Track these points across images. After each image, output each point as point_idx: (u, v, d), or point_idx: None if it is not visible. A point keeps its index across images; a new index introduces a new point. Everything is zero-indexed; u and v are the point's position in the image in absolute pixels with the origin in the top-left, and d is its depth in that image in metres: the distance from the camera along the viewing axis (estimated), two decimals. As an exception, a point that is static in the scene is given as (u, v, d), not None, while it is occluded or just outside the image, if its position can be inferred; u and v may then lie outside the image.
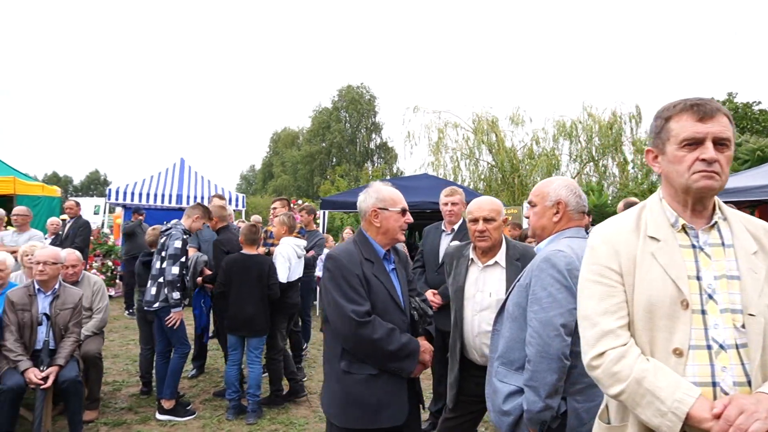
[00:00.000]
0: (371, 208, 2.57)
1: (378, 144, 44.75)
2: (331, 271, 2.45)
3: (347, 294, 2.38)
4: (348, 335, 2.36)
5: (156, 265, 4.79)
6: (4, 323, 3.93)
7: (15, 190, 11.26)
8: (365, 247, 2.54)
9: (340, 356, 2.43)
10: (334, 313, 2.41)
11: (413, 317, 2.55)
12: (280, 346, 5.13)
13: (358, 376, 2.39)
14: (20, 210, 6.53)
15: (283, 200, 6.41)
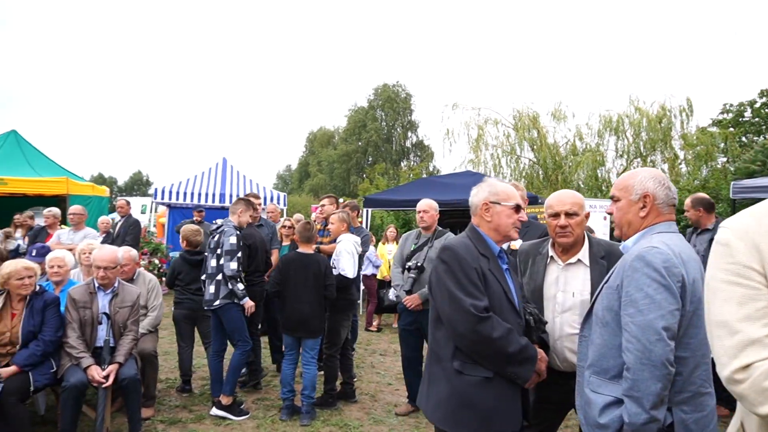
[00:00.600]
0: (483, 201, 2.43)
1: (414, 142, 44.53)
2: (448, 262, 2.28)
3: (466, 287, 2.21)
4: (464, 332, 2.19)
5: (211, 264, 4.77)
6: (67, 320, 3.97)
7: (68, 190, 11.61)
8: (479, 243, 2.37)
9: (452, 355, 2.25)
10: (449, 307, 2.23)
11: (528, 322, 2.35)
12: (340, 343, 5.07)
13: (471, 377, 2.22)
14: (76, 209, 6.66)
15: (332, 197, 6.33)
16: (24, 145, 12.84)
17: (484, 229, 2.43)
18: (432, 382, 2.34)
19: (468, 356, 2.23)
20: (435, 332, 2.36)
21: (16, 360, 3.70)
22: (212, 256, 4.79)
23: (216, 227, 4.92)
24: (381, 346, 7.65)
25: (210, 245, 4.86)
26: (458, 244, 2.36)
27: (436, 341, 2.36)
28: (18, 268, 3.85)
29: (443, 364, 2.29)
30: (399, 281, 4.80)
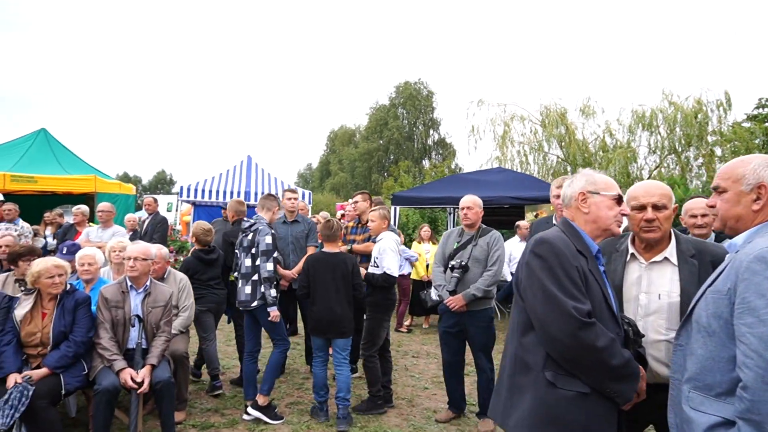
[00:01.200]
0: (579, 191, 2.16)
1: (436, 140, 44.15)
2: (545, 257, 1.99)
3: (566, 287, 1.93)
4: (562, 337, 1.90)
5: (246, 263, 4.64)
6: (98, 320, 3.82)
7: (96, 188, 11.64)
8: (575, 239, 2.08)
9: (543, 364, 1.97)
10: (546, 308, 1.94)
11: (627, 333, 2.06)
12: (379, 344, 4.89)
13: (565, 391, 1.93)
14: (105, 206, 6.56)
15: (365, 194, 6.10)
16: (53, 143, 12.92)
17: (580, 223, 2.15)
18: (515, 393, 2.05)
19: (561, 367, 1.95)
20: (522, 337, 2.07)
21: (47, 362, 3.56)
22: (246, 255, 4.65)
23: (249, 225, 4.77)
24: (413, 347, 7.42)
25: (243, 243, 4.72)
26: (555, 237, 2.05)
27: (522, 347, 2.06)
28: (48, 266, 3.71)
29: (531, 374, 2.00)
30: (441, 281, 4.56)
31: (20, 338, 3.60)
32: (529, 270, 2.04)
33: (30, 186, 11.28)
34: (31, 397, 3.26)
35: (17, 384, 3.29)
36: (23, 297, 3.72)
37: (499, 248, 4.44)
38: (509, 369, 2.10)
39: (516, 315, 2.13)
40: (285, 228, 5.94)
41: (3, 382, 3.40)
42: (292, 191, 6.11)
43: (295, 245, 5.85)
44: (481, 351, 4.46)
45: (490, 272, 4.35)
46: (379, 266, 4.81)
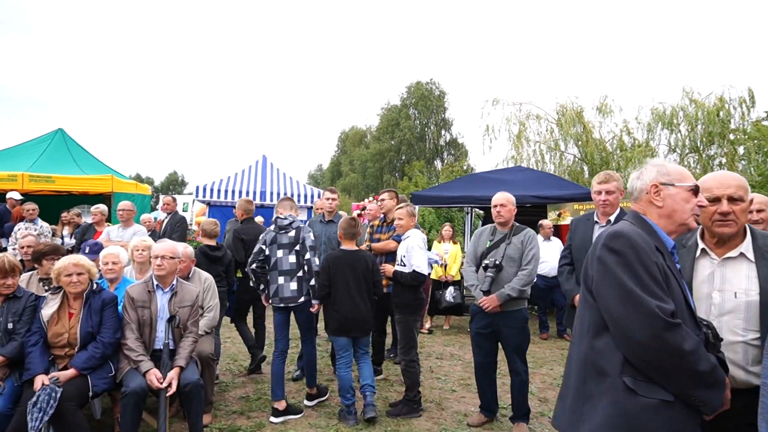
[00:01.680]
0: (651, 182, 1.99)
1: (448, 140, 43.90)
2: (622, 252, 1.82)
3: (647, 285, 1.76)
4: (645, 340, 1.72)
5: (289, 260, 4.70)
6: (125, 321, 3.72)
7: (113, 188, 11.61)
8: (650, 235, 1.91)
9: (621, 369, 1.79)
10: (624, 308, 1.77)
11: (707, 337, 1.89)
12: (417, 346, 4.79)
13: (647, 399, 1.75)
14: (125, 205, 6.48)
15: (391, 192, 5.97)
16: (70, 143, 12.93)
17: (653, 217, 1.98)
18: (586, 401, 1.87)
19: (641, 372, 1.77)
20: (594, 339, 1.89)
21: (74, 363, 3.46)
22: (289, 252, 4.71)
23: (288, 223, 4.81)
24: (435, 349, 7.27)
25: (281, 241, 4.75)
26: (632, 230, 1.88)
27: (595, 351, 1.88)
28: (66, 264, 3.62)
29: (607, 380, 1.82)
30: (473, 281, 4.41)
31: (47, 339, 3.51)
32: (603, 266, 1.87)
33: (48, 186, 11.29)
34: (59, 400, 3.17)
35: (45, 386, 3.20)
36: (50, 296, 3.64)
37: (534, 246, 4.29)
38: (578, 375, 1.93)
39: (586, 315, 1.96)
40: (320, 227, 5.85)
41: (30, 384, 3.31)
42: (331, 191, 6.04)
43: (328, 245, 5.75)
44: (515, 353, 4.31)
45: (525, 271, 4.20)
46: (407, 264, 4.69)
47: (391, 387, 5.47)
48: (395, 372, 5.97)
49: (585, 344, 1.93)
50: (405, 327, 4.74)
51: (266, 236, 4.81)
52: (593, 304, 1.91)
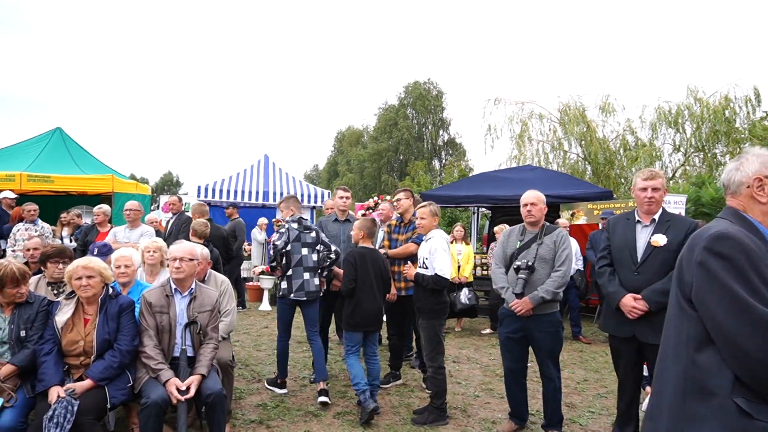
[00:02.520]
0: (754, 175, 1.78)
1: (446, 140, 43.75)
2: (731, 257, 1.62)
3: (762, 294, 1.57)
4: (764, 357, 1.53)
5: (313, 258, 5.03)
6: (142, 327, 3.50)
7: (113, 188, 11.36)
8: (755, 236, 1.71)
9: (731, 388, 1.60)
10: (737, 320, 1.57)
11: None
12: (444, 352, 4.65)
13: (765, 423, 1.55)
14: (133, 205, 6.26)
15: (407, 191, 5.77)
16: (69, 142, 12.65)
17: (756, 215, 1.78)
18: (688, 422, 1.67)
19: (755, 392, 1.57)
20: (696, 354, 1.69)
21: (91, 373, 3.24)
22: (312, 250, 5.04)
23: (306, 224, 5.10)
24: (451, 352, 7.07)
25: (305, 240, 5.03)
26: (738, 231, 1.69)
27: (698, 366, 1.68)
28: (76, 268, 3.40)
29: (714, 400, 1.62)
30: (503, 283, 4.23)
31: (61, 347, 3.29)
32: (707, 272, 1.66)
33: (47, 186, 11.02)
34: (76, 413, 2.96)
35: (60, 398, 2.99)
36: (64, 301, 3.42)
37: (567, 247, 4.12)
38: (675, 393, 1.72)
39: (683, 327, 1.75)
40: (336, 226, 5.67)
41: (44, 396, 3.10)
42: (344, 190, 5.85)
43: (347, 244, 5.57)
44: (548, 358, 4.13)
45: (558, 273, 4.03)
46: (429, 267, 4.51)
47: (412, 393, 5.28)
48: (413, 377, 5.80)
49: (684, 359, 1.72)
50: (430, 332, 4.56)
51: (289, 234, 4.97)
52: (692, 314, 1.71)
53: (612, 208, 8.21)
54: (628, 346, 3.65)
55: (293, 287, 4.92)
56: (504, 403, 4.93)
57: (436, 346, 4.50)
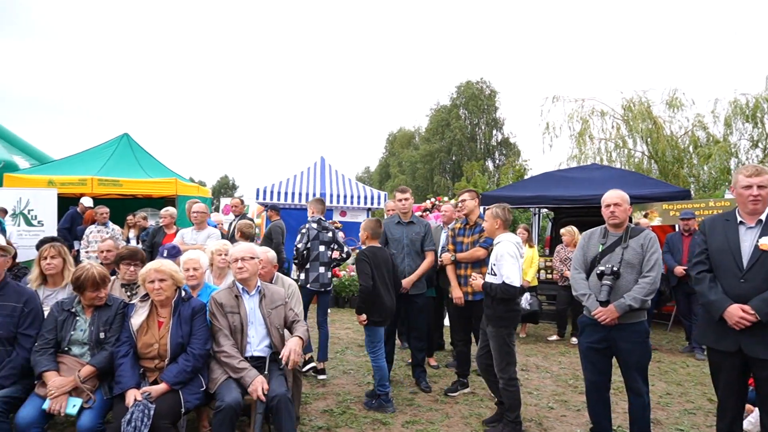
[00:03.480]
0: None
1: (499, 140, 43.00)
2: None
3: None
4: None
5: (328, 254, 5.77)
6: (216, 328, 3.47)
7: (176, 191, 11.68)
8: None
9: None
10: None
11: None
12: (515, 363, 4.42)
13: None
14: (200, 207, 6.34)
15: (472, 192, 5.53)
16: (135, 147, 13.13)
17: None
18: None
19: None
20: None
21: (165, 377, 3.22)
22: (327, 248, 5.77)
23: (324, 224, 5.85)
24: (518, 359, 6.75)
25: (323, 239, 5.75)
26: None
27: None
28: (148, 271, 3.40)
29: None
30: (584, 290, 3.95)
31: (137, 349, 3.29)
32: None
33: (115, 189, 11.46)
34: (152, 417, 2.93)
35: (138, 402, 2.98)
36: (139, 304, 3.43)
37: (656, 250, 3.79)
38: None
39: None
40: (400, 229, 5.50)
41: (121, 398, 3.10)
42: (401, 191, 5.62)
43: (411, 248, 5.41)
44: (635, 371, 3.81)
45: (647, 279, 3.71)
46: (498, 274, 4.27)
47: (481, 402, 5.06)
48: (481, 385, 5.56)
49: None
50: (499, 341, 4.32)
51: (309, 233, 5.71)
52: None
53: (691, 208, 7.67)
54: (732, 360, 3.30)
55: (310, 279, 5.63)
56: (581, 416, 4.65)
57: (506, 356, 4.27)
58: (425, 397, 5.17)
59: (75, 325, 3.36)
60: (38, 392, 3.15)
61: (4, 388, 3.12)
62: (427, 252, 5.49)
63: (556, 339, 7.91)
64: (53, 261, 4.18)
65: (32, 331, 3.32)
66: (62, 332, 3.33)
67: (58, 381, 3.10)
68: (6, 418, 3.02)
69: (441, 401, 5.07)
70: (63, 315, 3.38)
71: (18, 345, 3.28)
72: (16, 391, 3.17)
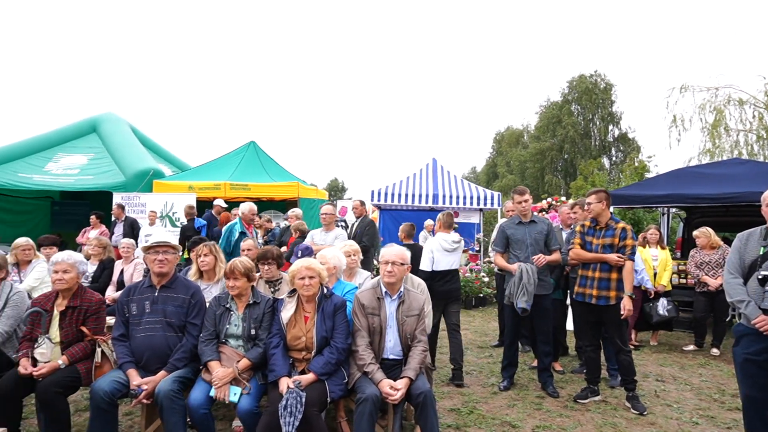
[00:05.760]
0: None
1: (616, 135, 40.42)
2: None
3: None
4: None
5: None
6: (355, 327, 3.66)
7: (298, 194, 12.40)
8: None
9: None
10: None
11: None
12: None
13: None
14: (328, 209, 6.68)
15: (599, 193, 5.20)
16: (261, 154, 14.13)
17: None
18: None
19: None
20: None
21: (312, 367, 3.46)
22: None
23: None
24: (650, 368, 6.37)
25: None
26: None
27: None
28: (299, 268, 3.65)
29: None
30: (742, 296, 3.62)
31: (286, 341, 3.57)
32: None
33: (244, 193, 12.42)
34: (304, 404, 3.16)
35: (290, 389, 3.22)
36: (287, 299, 3.71)
37: None
38: None
39: None
40: (522, 229, 5.40)
41: (275, 385, 3.38)
42: (520, 193, 5.50)
43: (535, 247, 5.29)
44: (805, 388, 3.44)
45: (821, 285, 3.33)
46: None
47: (615, 411, 4.82)
48: (613, 393, 5.31)
49: None
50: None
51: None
52: None
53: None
54: None
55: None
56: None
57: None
58: (553, 402, 5.03)
59: (230, 320, 3.72)
60: (204, 377, 3.52)
61: (178, 369, 3.54)
62: (553, 251, 5.35)
63: (693, 349, 7.30)
64: (206, 258, 4.67)
65: (198, 320, 3.73)
66: (219, 325, 3.70)
67: (220, 372, 3.44)
68: (181, 394, 3.41)
69: (571, 407, 4.91)
70: (220, 309, 3.76)
71: (187, 332, 3.70)
72: (188, 372, 3.58)
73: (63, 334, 3.71)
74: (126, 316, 3.72)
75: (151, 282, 3.81)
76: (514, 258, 5.38)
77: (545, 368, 5.42)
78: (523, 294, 5.06)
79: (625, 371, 4.93)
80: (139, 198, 12.15)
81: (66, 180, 13.09)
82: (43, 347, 3.59)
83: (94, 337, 3.75)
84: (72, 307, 3.76)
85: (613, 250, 4.93)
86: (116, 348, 3.66)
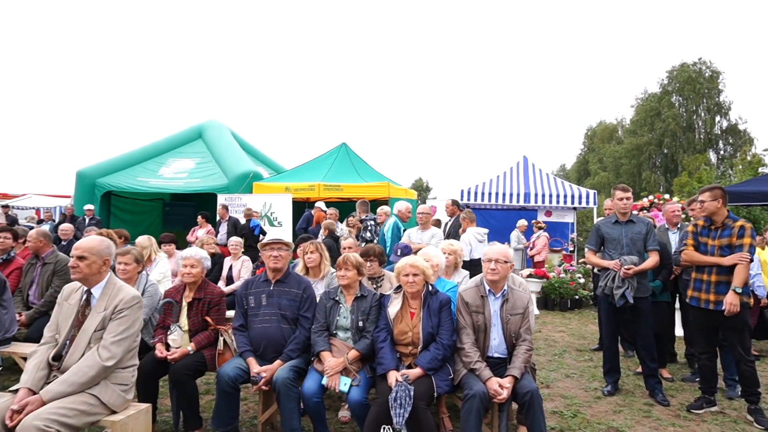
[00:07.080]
0: None
1: (724, 127, 37.27)
2: None
3: None
4: None
5: None
6: (460, 325, 3.72)
7: (389, 193, 12.63)
8: None
9: None
10: None
11: None
12: None
13: None
14: (424, 209, 6.81)
15: (715, 190, 4.80)
16: (352, 155, 14.53)
17: None
18: None
19: None
20: None
21: (420, 362, 3.57)
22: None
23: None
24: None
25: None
26: None
27: None
28: (404, 265, 3.77)
29: None
30: None
31: (393, 336, 3.70)
32: None
33: (337, 193, 12.84)
34: (413, 397, 3.26)
35: (399, 382, 3.34)
36: (393, 295, 3.84)
37: None
38: None
39: None
40: (618, 228, 5.20)
41: (383, 378, 3.51)
42: (623, 190, 5.28)
43: (631, 247, 5.07)
44: None
45: None
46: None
47: (735, 424, 4.51)
48: (731, 405, 4.97)
49: None
50: None
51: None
52: None
53: None
54: None
55: None
56: None
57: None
58: (663, 411, 4.80)
59: (339, 312, 3.91)
60: (316, 367, 3.74)
61: (292, 359, 3.78)
62: (650, 251, 5.08)
63: (823, 361, 6.63)
64: (312, 255, 4.92)
65: (309, 314, 3.97)
66: (330, 318, 3.90)
67: (332, 362, 3.64)
68: (295, 383, 3.64)
69: (683, 417, 4.66)
70: (330, 302, 3.96)
71: (299, 325, 3.94)
72: (301, 362, 3.82)
73: (191, 323, 4.08)
74: (245, 308, 4.02)
75: (266, 276, 4.10)
76: (608, 258, 5.20)
77: (651, 374, 5.17)
78: (627, 286, 4.91)
79: (748, 382, 4.60)
80: (241, 199, 12.93)
81: (177, 183, 14.22)
82: (175, 334, 3.97)
83: (216, 326, 4.09)
84: (198, 299, 4.13)
85: (732, 251, 4.61)
86: (236, 337, 3.98)
